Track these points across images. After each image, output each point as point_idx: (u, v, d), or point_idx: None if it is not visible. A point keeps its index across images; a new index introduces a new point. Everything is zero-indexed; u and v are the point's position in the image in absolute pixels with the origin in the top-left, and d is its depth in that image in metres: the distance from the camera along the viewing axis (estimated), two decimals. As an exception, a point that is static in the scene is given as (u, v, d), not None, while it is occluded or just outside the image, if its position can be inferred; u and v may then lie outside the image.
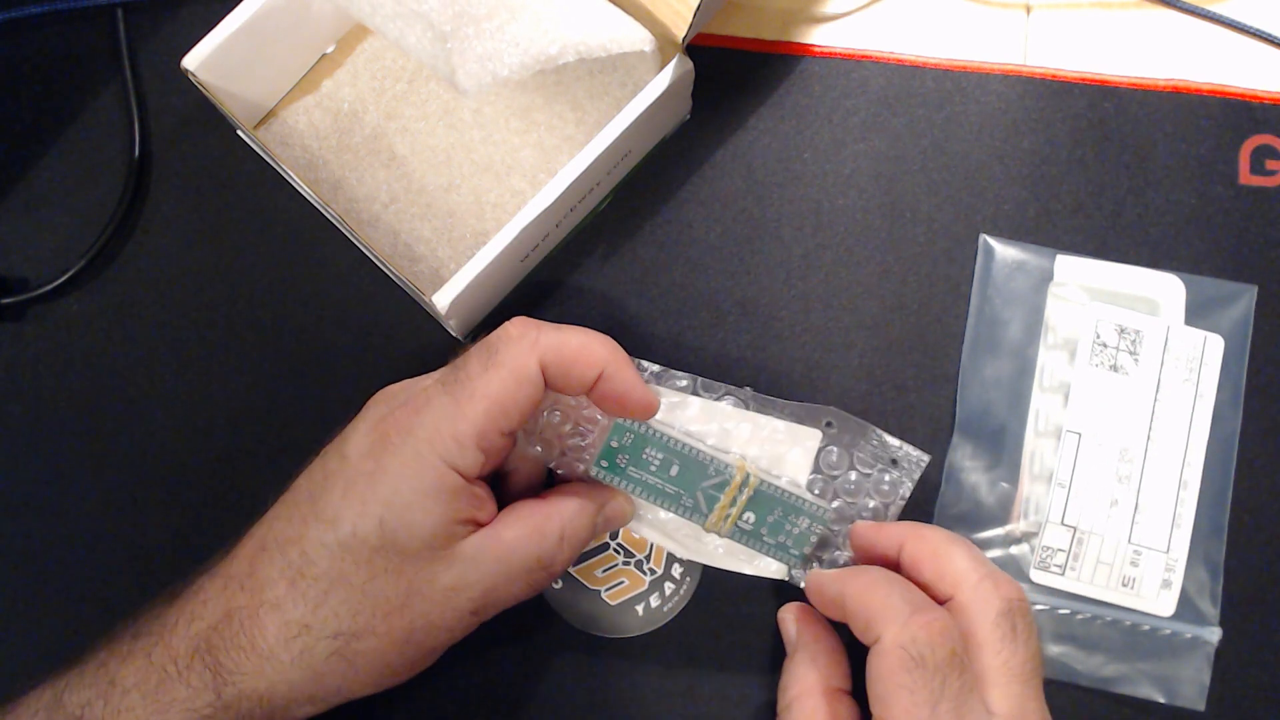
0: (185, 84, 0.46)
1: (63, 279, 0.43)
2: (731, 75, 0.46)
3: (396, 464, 0.34)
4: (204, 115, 0.45)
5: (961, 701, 0.33)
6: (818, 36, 0.46)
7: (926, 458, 0.41)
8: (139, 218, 0.45)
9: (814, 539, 0.40)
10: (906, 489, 0.41)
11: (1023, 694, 0.34)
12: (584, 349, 0.36)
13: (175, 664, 0.33)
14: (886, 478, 0.41)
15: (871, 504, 0.41)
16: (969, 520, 0.42)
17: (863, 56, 0.46)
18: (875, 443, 0.41)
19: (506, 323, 0.36)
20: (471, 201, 0.44)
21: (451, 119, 0.44)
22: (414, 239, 0.43)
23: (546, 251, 0.43)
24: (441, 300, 0.38)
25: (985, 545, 0.42)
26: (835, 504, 0.41)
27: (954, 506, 0.42)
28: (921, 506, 0.42)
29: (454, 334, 0.42)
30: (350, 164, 0.44)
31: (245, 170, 0.45)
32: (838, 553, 0.41)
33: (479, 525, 0.36)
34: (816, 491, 0.41)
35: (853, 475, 0.41)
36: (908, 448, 0.41)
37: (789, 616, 0.39)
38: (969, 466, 0.42)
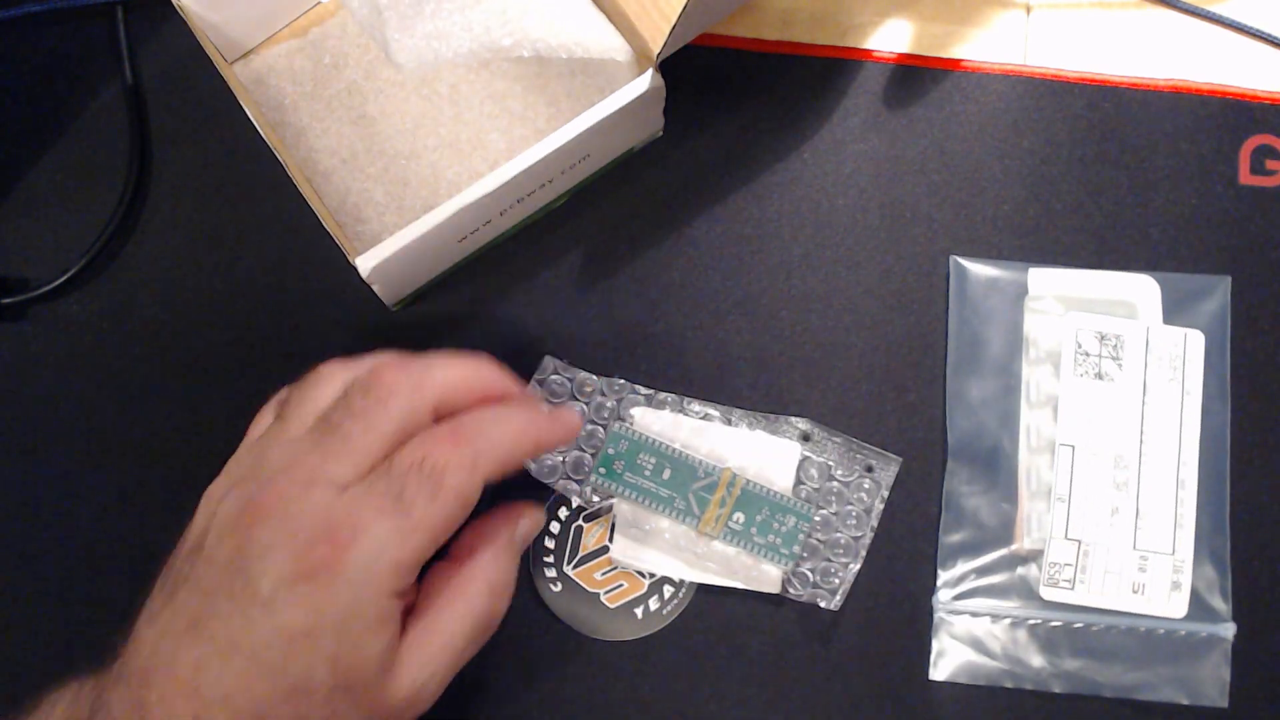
0: (185, 84, 0.46)
1: (63, 279, 0.43)
2: (731, 75, 0.46)
3: (334, 607, 0.32)
4: (205, 114, 0.45)
5: None
6: (818, 36, 0.46)
7: (899, 460, 0.42)
8: (139, 218, 0.45)
9: (802, 537, 0.41)
10: (884, 493, 0.42)
11: None
12: (516, 447, 0.35)
13: None
14: (865, 484, 0.42)
15: (853, 510, 0.42)
16: (972, 546, 0.42)
17: (863, 56, 0.46)
18: (850, 450, 0.42)
19: (441, 441, 0.33)
20: (429, 174, 0.44)
21: (427, 90, 0.44)
22: (364, 200, 0.43)
23: (490, 237, 0.43)
24: (364, 264, 0.38)
25: (991, 569, 0.41)
26: (819, 514, 0.41)
27: (955, 533, 0.42)
28: (924, 535, 0.42)
29: (382, 300, 0.42)
30: (319, 114, 0.44)
31: (245, 170, 0.45)
32: (827, 563, 0.41)
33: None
34: (804, 497, 0.42)
35: (833, 485, 0.42)
36: (880, 452, 0.42)
37: None
38: (966, 491, 0.42)
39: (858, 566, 0.41)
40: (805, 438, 0.42)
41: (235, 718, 0.32)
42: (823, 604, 0.41)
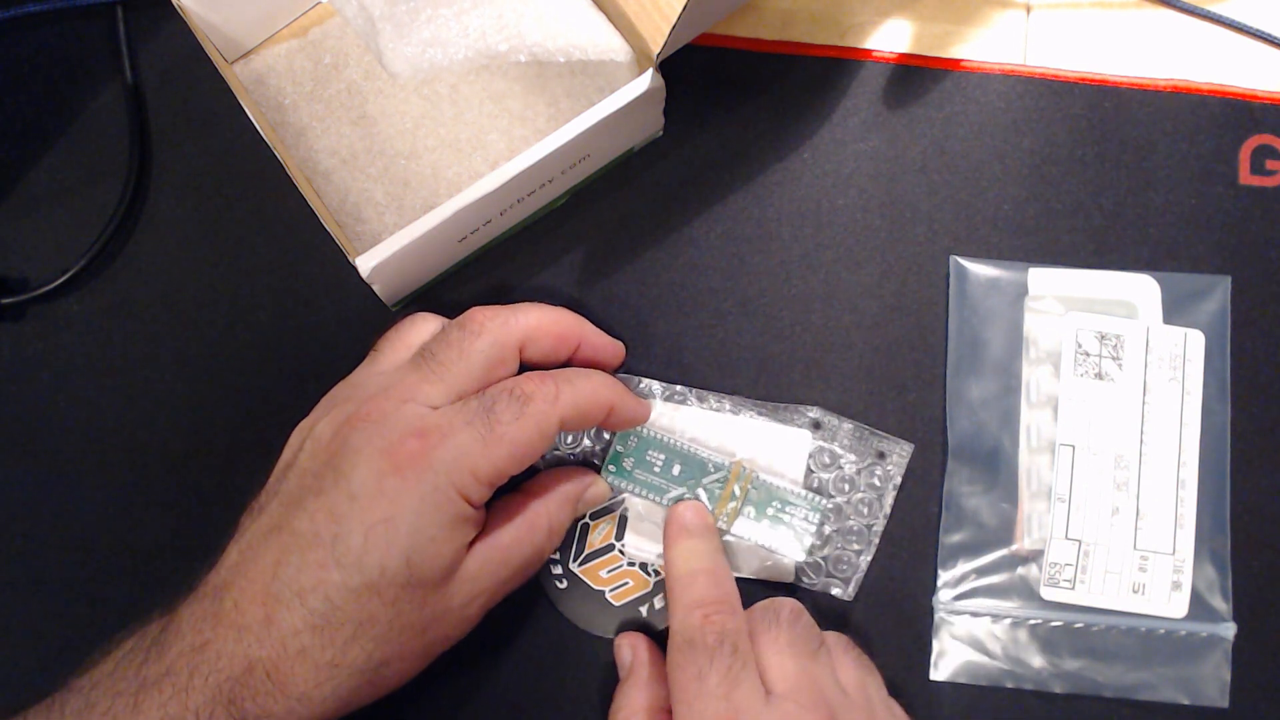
0: (185, 84, 0.46)
1: (63, 279, 0.43)
2: (731, 75, 0.46)
3: (415, 499, 0.34)
4: (205, 114, 0.45)
5: (734, 675, 0.35)
6: (818, 36, 0.46)
7: (910, 446, 0.42)
8: (139, 218, 0.45)
9: (815, 526, 0.41)
10: (896, 479, 0.42)
11: (798, 669, 0.36)
12: (594, 395, 0.38)
13: (196, 716, 0.33)
14: (877, 470, 0.42)
15: (865, 498, 0.42)
16: (973, 546, 0.42)
17: (863, 56, 0.46)
18: (862, 437, 0.42)
19: (530, 376, 0.37)
20: (429, 174, 0.44)
21: (427, 90, 0.44)
22: (364, 200, 0.43)
23: (490, 237, 0.43)
24: (364, 264, 0.38)
25: (991, 569, 0.41)
26: (832, 503, 0.41)
27: (956, 533, 0.42)
28: (924, 535, 0.42)
29: (382, 300, 0.42)
30: (319, 114, 0.44)
31: (245, 170, 0.45)
32: (840, 551, 0.41)
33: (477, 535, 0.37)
34: (815, 486, 0.42)
35: (845, 471, 0.42)
36: (892, 439, 0.42)
37: (624, 644, 0.40)
38: (966, 491, 0.42)
39: (871, 555, 0.41)
40: (816, 426, 0.42)
41: (307, 616, 0.33)
42: (836, 592, 0.41)
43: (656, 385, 0.43)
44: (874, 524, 0.42)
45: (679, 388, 0.43)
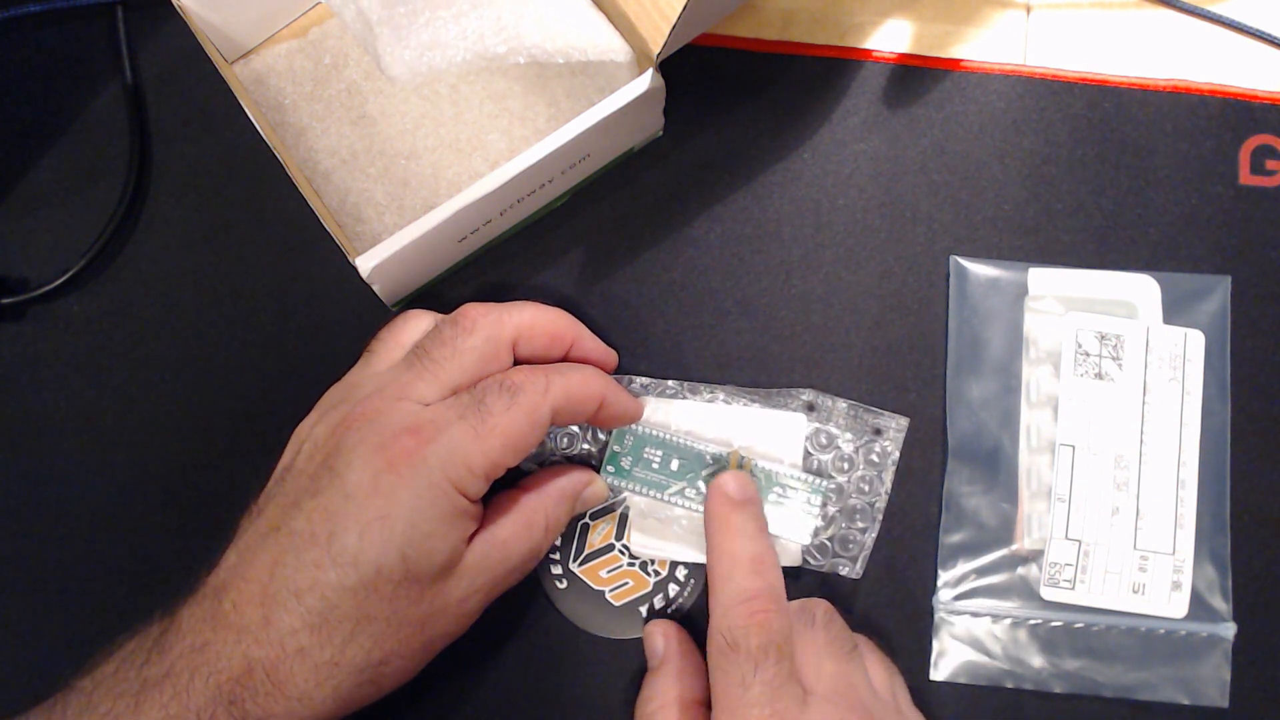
0: (185, 84, 0.46)
1: (63, 279, 0.43)
2: (731, 75, 0.46)
3: (410, 495, 0.34)
4: (205, 114, 0.45)
5: (776, 686, 0.35)
6: (818, 36, 0.46)
7: (906, 420, 0.42)
8: (139, 218, 0.45)
9: (816, 510, 0.41)
10: (895, 455, 0.42)
11: (835, 671, 0.36)
12: (585, 386, 0.38)
13: (197, 717, 0.33)
14: (875, 447, 0.42)
15: (866, 475, 0.42)
16: (973, 546, 0.42)
17: (863, 56, 0.46)
18: (857, 415, 0.42)
19: (520, 369, 0.37)
20: (429, 174, 0.44)
21: (427, 90, 0.44)
22: (364, 200, 0.43)
23: (490, 237, 0.43)
24: (365, 264, 0.38)
25: (991, 569, 0.41)
26: (833, 483, 0.42)
27: (956, 533, 0.42)
28: (924, 535, 0.42)
29: (382, 299, 0.42)
30: (319, 114, 0.44)
31: (245, 170, 0.45)
32: (845, 530, 0.41)
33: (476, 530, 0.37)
34: (814, 468, 0.42)
35: (843, 450, 0.42)
36: (887, 414, 0.42)
37: (656, 632, 0.40)
38: (966, 491, 0.42)
39: (876, 531, 0.41)
40: (810, 408, 0.42)
41: (304, 616, 0.33)
42: (844, 571, 0.41)
43: (648, 382, 0.43)
44: (876, 501, 0.42)
45: (670, 383, 0.43)
